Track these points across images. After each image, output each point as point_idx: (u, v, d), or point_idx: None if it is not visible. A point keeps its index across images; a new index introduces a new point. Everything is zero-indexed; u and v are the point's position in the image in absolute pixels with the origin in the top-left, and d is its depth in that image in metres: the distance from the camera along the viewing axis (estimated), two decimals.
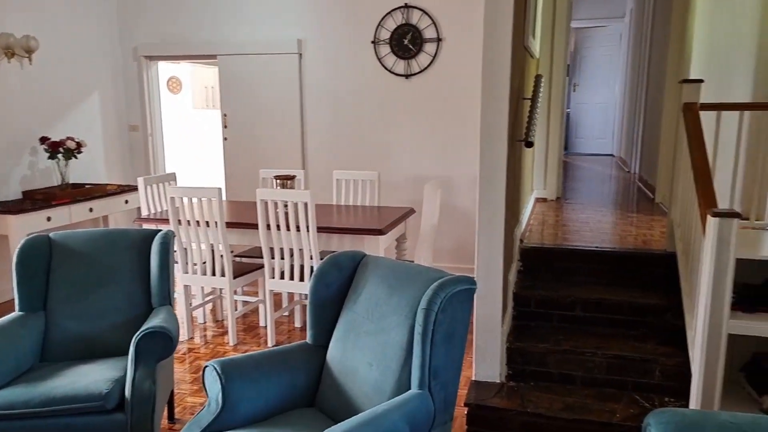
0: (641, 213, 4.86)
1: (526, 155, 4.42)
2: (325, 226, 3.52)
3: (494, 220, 2.93)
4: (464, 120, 4.80)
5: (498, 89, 2.85)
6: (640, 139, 7.00)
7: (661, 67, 5.67)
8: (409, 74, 4.96)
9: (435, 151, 4.96)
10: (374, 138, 5.14)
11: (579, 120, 10.08)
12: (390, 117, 5.06)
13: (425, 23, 4.84)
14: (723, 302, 2.29)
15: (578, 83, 10.02)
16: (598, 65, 9.73)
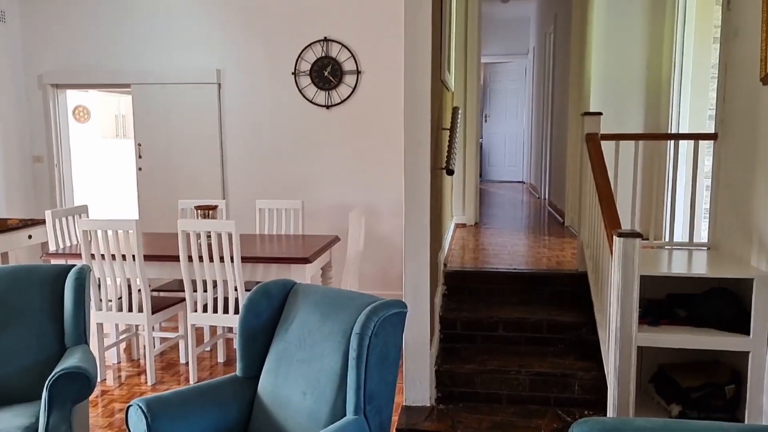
0: (553, 236, 5.14)
1: (446, 182, 4.58)
2: (250, 256, 3.46)
3: (420, 244, 3.01)
4: (386, 149, 4.92)
5: (420, 120, 2.96)
6: (548, 166, 7.43)
7: (563, 100, 6.08)
8: (330, 105, 5.02)
9: (358, 180, 5.03)
10: (297, 167, 5.14)
11: (491, 149, 10.55)
12: (312, 146, 5.09)
13: (345, 56, 4.94)
14: (631, 317, 2.46)
15: (489, 114, 10.52)
16: (507, 98, 10.29)
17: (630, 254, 2.43)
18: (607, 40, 4.80)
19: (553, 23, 6.97)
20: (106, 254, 3.44)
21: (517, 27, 9.78)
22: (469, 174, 5.80)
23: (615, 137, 3.56)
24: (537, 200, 7.81)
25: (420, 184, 3.04)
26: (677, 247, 3.64)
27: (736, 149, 3.18)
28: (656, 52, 4.72)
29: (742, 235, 3.06)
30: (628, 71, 4.80)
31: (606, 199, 2.93)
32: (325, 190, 5.11)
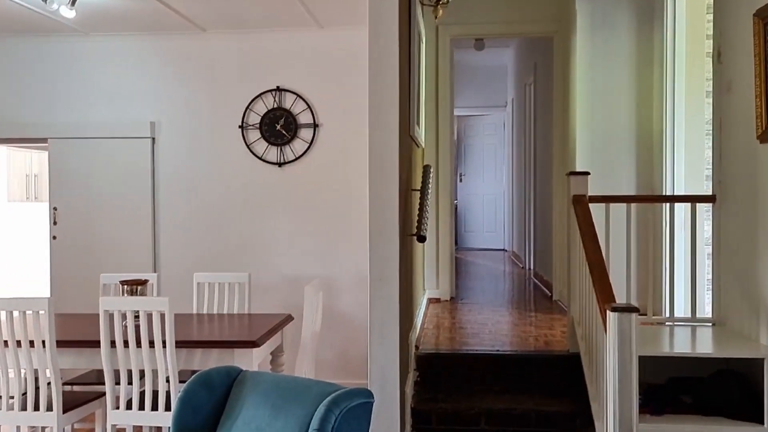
0: (540, 312, 5.22)
1: (417, 251, 4.66)
2: (186, 340, 3.41)
3: (388, 324, 3.03)
4: (347, 212, 4.99)
5: (386, 181, 3.05)
6: (531, 232, 7.62)
7: (546, 157, 6.33)
8: (282, 162, 5.11)
9: (315, 248, 5.06)
10: (243, 234, 5.15)
11: (468, 212, 10.77)
12: (262, 210, 5.13)
13: (300, 107, 5.08)
14: (631, 405, 2.50)
15: (464, 173, 10.80)
16: (484, 154, 10.62)
17: (626, 332, 2.50)
18: (593, 92, 5.09)
19: (533, 73, 7.33)
20: (9, 340, 3.34)
21: (493, 77, 10.24)
22: (443, 241, 5.91)
23: (605, 199, 3.71)
24: (521, 271, 7.95)
25: (387, 253, 3.10)
26: (679, 323, 3.74)
27: (737, 213, 3.35)
28: (646, 105, 5.01)
29: (749, 308, 3.18)
30: (617, 126, 5.07)
31: (597, 269, 3.03)
32: (276, 260, 5.11)
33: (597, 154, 5.04)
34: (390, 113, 3.07)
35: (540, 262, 7.08)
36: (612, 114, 5.07)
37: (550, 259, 6.00)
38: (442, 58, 5.83)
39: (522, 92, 8.24)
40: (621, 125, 5.07)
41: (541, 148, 6.96)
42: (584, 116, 5.11)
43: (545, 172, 6.52)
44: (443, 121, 5.85)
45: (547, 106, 6.36)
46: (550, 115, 6.06)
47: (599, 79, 5.09)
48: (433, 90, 5.82)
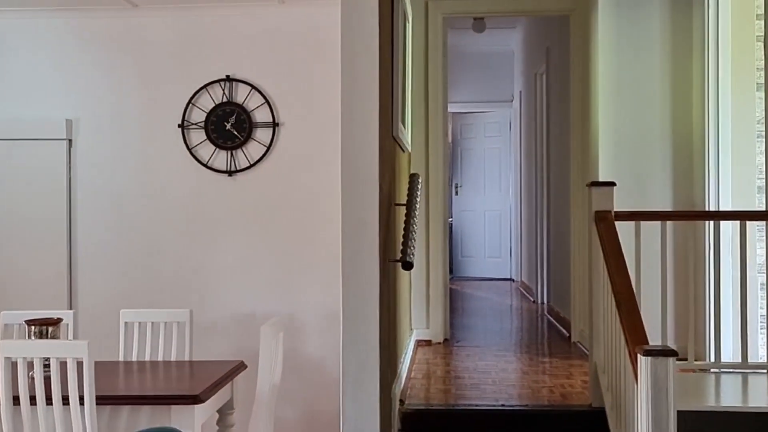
0: (556, 357, 5.23)
1: (402, 281, 4.66)
2: (110, 395, 3.37)
3: (365, 373, 3.03)
4: (314, 233, 4.99)
5: (363, 193, 3.07)
6: (545, 258, 7.66)
7: (563, 164, 6.39)
8: (234, 170, 5.11)
9: (274, 278, 5.04)
10: (183, 260, 5.12)
11: (465, 233, 10.81)
12: (207, 230, 5.11)
13: (256, 102, 5.09)
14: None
15: (461, 184, 10.86)
16: (485, 161, 10.68)
17: (662, 380, 2.51)
18: (619, 84, 5.15)
19: (544, 61, 7.42)
20: None
21: (497, 65, 10.34)
22: (435, 269, 5.91)
23: (634, 216, 3.75)
24: (532, 306, 7.98)
25: (364, 284, 3.10)
26: (727, 370, 3.77)
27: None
28: (684, 101, 5.08)
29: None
30: (649, 126, 5.13)
31: (626, 302, 3.06)
32: (225, 293, 5.08)
33: (625, 160, 5.09)
34: (368, 109, 3.09)
35: (555, 295, 7.11)
36: (643, 111, 5.13)
37: (567, 292, 6.04)
38: (433, 41, 5.88)
39: (532, 84, 8.33)
40: (654, 125, 5.13)
41: (556, 153, 7.02)
42: (609, 114, 5.16)
43: (561, 182, 6.58)
44: (434, 119, 5.89)
45: (563, 101, 6.43)
46: (566, 112, 6.12)
47: (627, 69, 5.15)
48: (422, 81, 5.86)
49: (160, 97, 5.14)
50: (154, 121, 5.14)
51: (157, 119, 5.14)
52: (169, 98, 5.13)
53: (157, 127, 5.14)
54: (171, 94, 5.13)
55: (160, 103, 5.14)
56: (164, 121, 5.14)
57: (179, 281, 5.12)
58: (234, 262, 5.10)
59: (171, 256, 5.15)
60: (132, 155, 5.15)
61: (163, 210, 5.14)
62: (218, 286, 5.09)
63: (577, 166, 5.79)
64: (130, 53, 5.16)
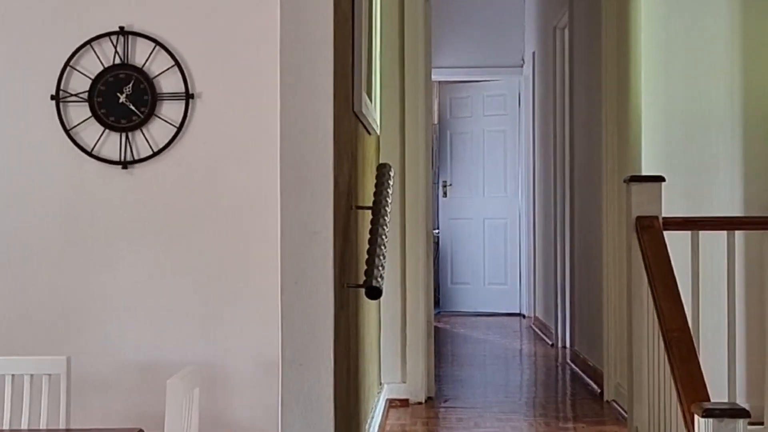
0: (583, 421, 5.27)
1: (368, 317, 4.65)
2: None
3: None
4: (244, 249, 4.95)
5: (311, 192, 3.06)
6: (568, 284, 7.69)
7: (593, 150, 6.42)
8: (130, 161, 5.06)
9: (186, 312, 5.01)
10: (58, 287, 5.08)
11: (458, 250, 10.81)
12: (92, 244, 5.07)
13: (162, 65, 5.04)
14: None
15: (451, 182, 10.86)
16: (485, 148, 10.68)
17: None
18: (669, 44, 5.18)
19: (566, 10, 7.47)
20: None
21: (501, 17, 10.39)
22: (414, 300, 5.89)
23: (691, 223, 3.77)
24: (550, 351, 8.01)
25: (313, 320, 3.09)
26: None
27: None
28: (762, 68, 5.12)
29: None
30: (711, 104, 5.15)
31: (679, 344, 3.08)
32: (116, 333, 5.04)
33: (677, 148, 5.13)
34: (318, 73, 3.08)
35: (582, 336, 7.13)
36: (703, 82, 5.17)
37: (599, 331, 6.06)
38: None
39: (549, 42, 8.38)
40: (719, 101, 5.16)
41: (583, 138, 7.05)
42: (656, 83, 5.19)
43: (591, 178, 6.61)
44: (413, 90, 5.89)
45: (592, 66, 6.46)
46: (597, 81, 6.16)
47: (681, 20, 5.19)
48: (397, 39, 5.85)
49: (25, 59, 5.09)
50: (16, 90, 5.09)
51: (21, 88, 5.09)
52: (39, 59, 5.09)
53: (20, 100, 5.09)
54: (41, 53, 5.09)
55: (25, 65, 5.09)
56: (31, 91, 5.08)
57: (52, 316, 5.07)
58: (130, 290, 5.05)
59: (41, 281, 5.10)
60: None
61: (30, 216, 5.10)
62: (107, 322, 5.05)
63: (611, 155, 5.82)
64: None
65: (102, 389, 5.02)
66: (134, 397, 5.00)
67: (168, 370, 4.83)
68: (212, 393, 4.92)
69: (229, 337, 5.03)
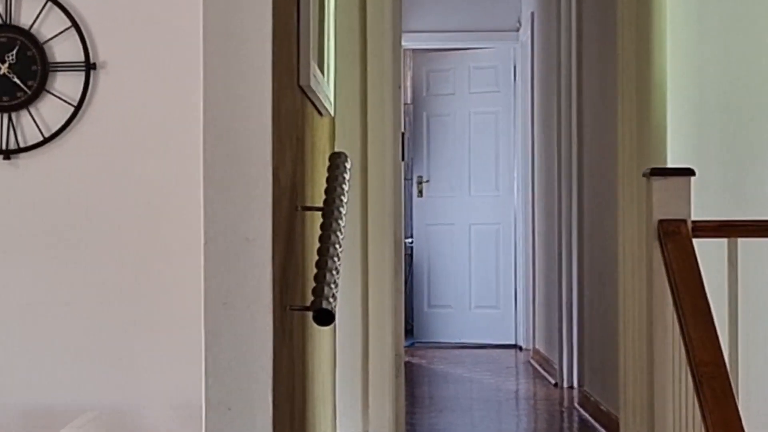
0: None
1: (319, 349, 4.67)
2: None
3: None
4: (158, 261, 4.97)
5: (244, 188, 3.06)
6: (575, 308, 7.74)
7: (606, 138, 6.47)
8: (13, 150, 5.07)
9: (87, 342, 5.02)
10: None
11: (437, 264, 10.87)
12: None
13: (55, 26, 5.06)
14: None
15: (428, 177, 10.90)
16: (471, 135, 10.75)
17: None
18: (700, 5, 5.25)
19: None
20: None
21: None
22: (379, 329, 5.91)
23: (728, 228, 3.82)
24: (553, 392, 8.05)
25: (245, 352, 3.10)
26: None
27: None
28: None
29: None
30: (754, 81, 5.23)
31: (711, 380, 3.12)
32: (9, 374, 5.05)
33: (711, 136, 5.19)
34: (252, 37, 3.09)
35: (592, 374, 7.19)
36: (744, 51, 5.23)
37: (613, 366, 6.11)
38: None
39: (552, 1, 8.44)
40: (763, 78, 5.23)
41: (594, 122, 7.12)
42: (685, 56, 5.25)
43: (603, 173, 6.67)
44: (378, 60, 5.91)
45: (606, 31, 6.53)
46: (612, 52, 6.22)
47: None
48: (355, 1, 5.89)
49: None
50: None
51: None
52: None
53: None
54: None
55: None
56: None
57: None
58: (15, 312, 5.06)
59: None
60: None
61: None
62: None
63: (629, 143, 5.87)
64: None
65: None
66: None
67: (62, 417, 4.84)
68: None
69: (141, 376, 5.04)
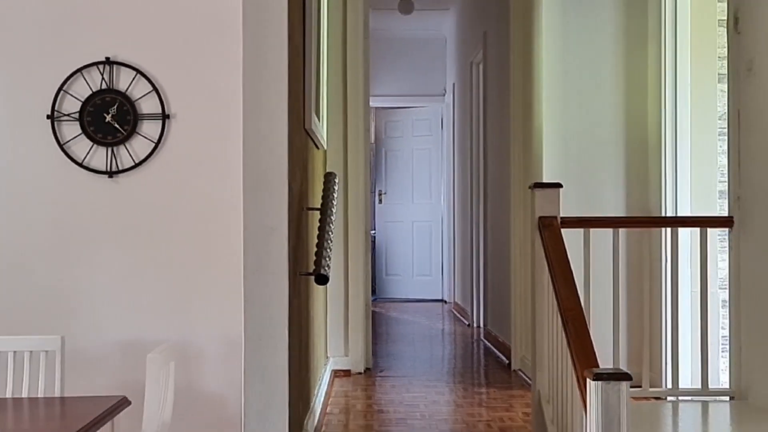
0: (494, 386, 5.30)
1: (316, 300, 4.64)
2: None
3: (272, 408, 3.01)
4: (212, 245, 4.90)
5: (269, 193, 3.06)
6: (482, 275, 7.73)
7: (502, 166, 6.47)
8: (115, 171, 4.99)
9: (164, 298, 4.94)
10: (54, 278, 4.98)
11: (391, 248, 10.83)
12: (82, 241, 4.99)
13: (142, 90, 4.99)
14: None
15: (385, 191, 10.89)
16: (414, 163, 10.73)
17: (614, 408, 2.56)
18: (565, 74, 5.25)
19: (481, 49, 7.51)
20: None
21: (427, 53, 10.42)
22: (355, 288, 5.90)
23: (583, 223, 3.81)
24: (467, 330, 8.06)
25: (270, 302, 3.08)
26: (685, 397, 3.87)
27: (762, 241, 3.51)
28: (639, 94, 5.21)
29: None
30: (599, 123, 5.24)
31: (574, 322, 3.10)
32: (104, 316, 4.97)
33: (572, 160, 5.19)
34: (275, 95, 3.09)
35: (493, 318, 7.18)
36: (592, 104, 5.24)
37: (507, 313, 6.11)
38: (353, 22, 5.89)
39: (467, 75, 8.42)
40: (605, 121, 5.24)
41: (494, 153, 7.11)
42: (554, 107, 5.25)
43: (500, 186, 6.66)
44: (354, 113, 5.89)
45: (502, 94, 6.51)
46: (506, 106, 6.21)
47: (574, 56, 5.25)
48: (340, 69, 5.85)
49: (24, 83, 4.99)
50: (16, 110, 4.99)
51: (21, 108, 4.99)
52: (36, 84, 4.99)
53: (20, 118, 4.99)
54: (38, 78, 4.99)
55: (24, 89, 4.99)
56: (30, 111, 4.99)
57: (48, 303, 4.98)
58: (115, 279, 4.98)
59: (39, 272, 5.00)
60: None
61: (29, 217, 5.00)
62: (96, 307, 4.98)
63: (518, 167, 5.88)
64: None
65: (91, 364, 4.94)
66: (119, 370, 4.93)
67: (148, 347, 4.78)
68: (186, 366, 4.87)
69: (201, 319, 4.99)
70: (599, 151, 5.22)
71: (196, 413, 4.92)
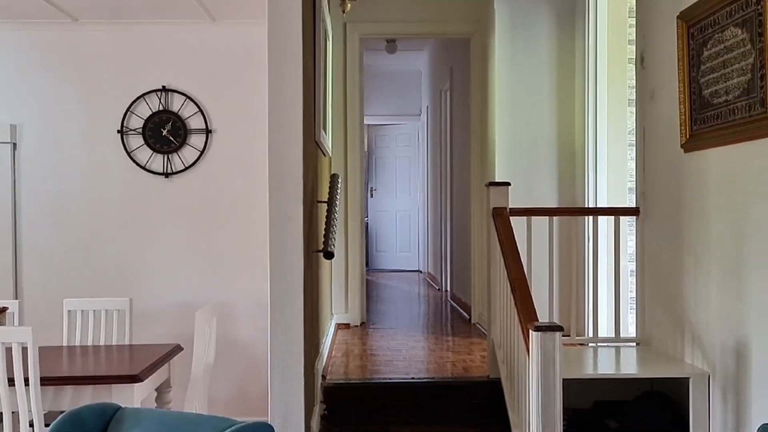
0: (458, 336, 5.34)
1: (324, 271, 4.65)
2: (54, 376, 3.26)
3: (291, 352, 3.01)
4: (244, 228, 4.92)
5: (289, 191, 3.05)
6: (448, 251, 7.76)
7: (464, 169, 6.49)
8: (170, 172, 4.99)
9: (207, 269, 4.95)
10: (123, 254, 4.97)
11: (379, 231, 10.86)
12: (145, 226, 4.98)
13: (190, 111, 4.99)
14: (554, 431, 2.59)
15: (375, 188, 10.91)
16: (397, 167, 10.75)
17: (550, 352, 2.59)
18: (512, 98, 5.27)
19: (449, 79, 7.51)
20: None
21: (407, 83, 10.42)
22: (353, 261, 5.93)
23: (526, 212, 3.85)
24: (437, 293, 8.08)
25: (290, 273, 3.08)
26: (603, 344, 3.92)
27: (660, 227, 3.55)
28: (568, 113, 5.24)
29: (673, 327, 3.36)
30: (538, 135, 5.27)
31: (519, 287, 3.13)
32: (162, 283, 4.96)
33: (518, 164, 5.22)
34: (293, 115, 3.07)
35: (458, 283, 7.22)
36: (533, 122, 5.27)
37: (468, 280, 6.13)
38: (351, 59, 5.89)
39: (437, 99, 8.42)
40: (543, 134, 5.27)
41: (458, 160, 7.13)
42: (504, 124, 5.28)
43: (463, 185, 6.68)
44: (352, 128, 5.90)
45: (464, 114, 6.53)
46: (467, 124, 6.22)
47: (520, 85, 5.27)
48: (341, 95, 5.86)
49: (100, 105, 4.98)
50: (94, 126, 4.98)
51: (98, 125, 4.98)
52: (109, 106, 4.98)
53: (97, 133, 4.98)
54: (110, 102, 4.98)
55: (100, 110, 4.98)
56: (104, 127, 4.98)
57: (119, 273, 4.97)
58: (170, 255, 4.98)
59: (112, 250, 5.00)
60: (74, 158, 4.98)
61: (104, 208, 4.99)
62: (156, 277, 4.98)
63: (476, 169, 5.89)
64: (71, 63, 4.98)
65: (153, 320, 4.95)
66: (174, 324, 4.94)
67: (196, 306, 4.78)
68: (225, 321, 4.89)
69: (236, 286, 5.01)
70: (538, 157, 5.25)
71: (233, 358, 4.95)
